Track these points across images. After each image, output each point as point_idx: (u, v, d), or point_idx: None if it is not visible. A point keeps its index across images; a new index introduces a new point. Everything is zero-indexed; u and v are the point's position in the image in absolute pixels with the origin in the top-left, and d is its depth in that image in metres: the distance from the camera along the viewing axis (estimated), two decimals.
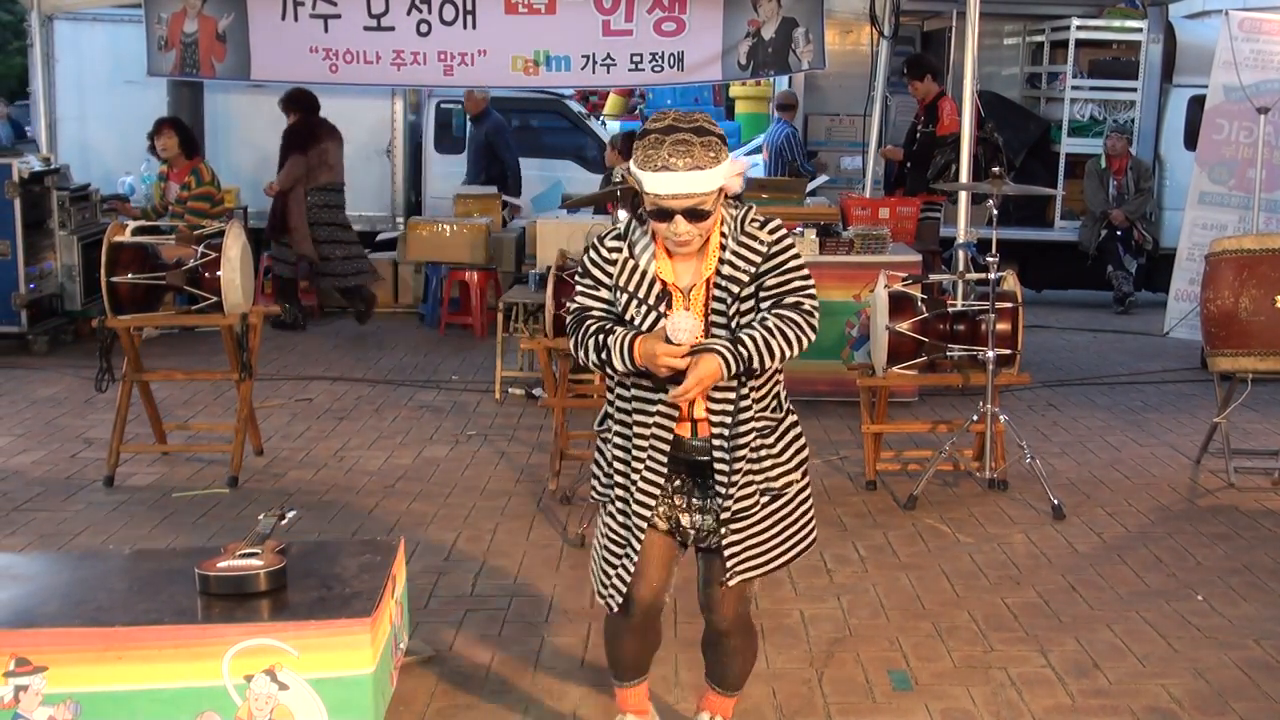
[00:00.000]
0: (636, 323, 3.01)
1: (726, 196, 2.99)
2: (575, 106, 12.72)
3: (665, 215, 2.90)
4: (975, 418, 5.69)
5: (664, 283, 3.02)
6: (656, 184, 2.86)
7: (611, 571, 3.15)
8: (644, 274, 3.02)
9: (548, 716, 3.66)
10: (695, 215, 2.89)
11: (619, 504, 3.14)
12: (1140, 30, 11.23)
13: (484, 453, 6.40)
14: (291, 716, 3.29)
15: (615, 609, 3.16)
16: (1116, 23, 11.47)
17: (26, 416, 6.98)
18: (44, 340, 8.57)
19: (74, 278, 8.76)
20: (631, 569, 3.11)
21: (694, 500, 3.13)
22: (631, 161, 2.93)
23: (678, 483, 3.14)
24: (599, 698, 3.74)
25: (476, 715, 3.67)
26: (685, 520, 3.14)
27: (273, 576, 3.48)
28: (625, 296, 3.03)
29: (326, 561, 3.75)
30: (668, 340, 2.90)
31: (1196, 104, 10.31)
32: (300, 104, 9.60)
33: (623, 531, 3.14)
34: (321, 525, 5.28)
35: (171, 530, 5.22)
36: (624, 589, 3.12)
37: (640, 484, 3.08)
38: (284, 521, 3.86)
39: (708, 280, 3.01)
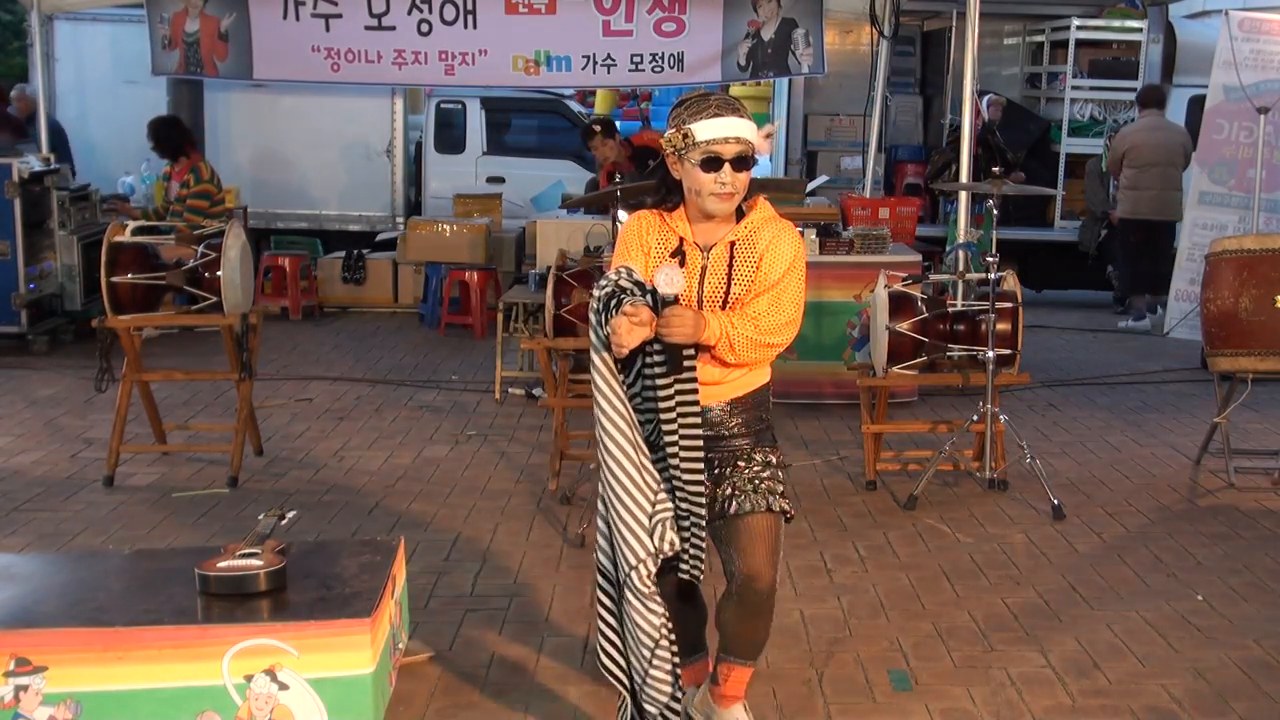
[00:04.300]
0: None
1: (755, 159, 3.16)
2: (575, 107, 12.72)
3: (714, 164, 3.06)
4: (975, 418, 5.69)
5: (682, 239, 3.18)
6: (711, 129, 3.05)
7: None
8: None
9: (548, 716, 3.66)
10: (742, 163, 3.07)
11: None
12: (1140, 30, 11.24)
13: (484, 453, 6.40)
14: (291, 716, 3.29)
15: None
16: (1116, 23, 11.48)
17: (26, 416, 6.98)
18: (44, 340, 8.57)
19: (74, 278, 8.75)
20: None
21: None
22: (670, 127, 3.11)
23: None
24: (599, 698, 3.74)
25: (476, 715, 3.67)
26: None
27: (273, 576, 3.48)
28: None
29: (326, 561, 3.75)
30: (655, 291, 2.99)
31: (1196, 104, 10.31)
32: None
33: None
34: (321, 525, 5.28)
35: (171, 530, 5.22)
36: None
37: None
38: (284, 521, 3.86)
39: (730, 243, 3.15)
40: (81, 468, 6.05)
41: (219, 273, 5.71)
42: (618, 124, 10.86)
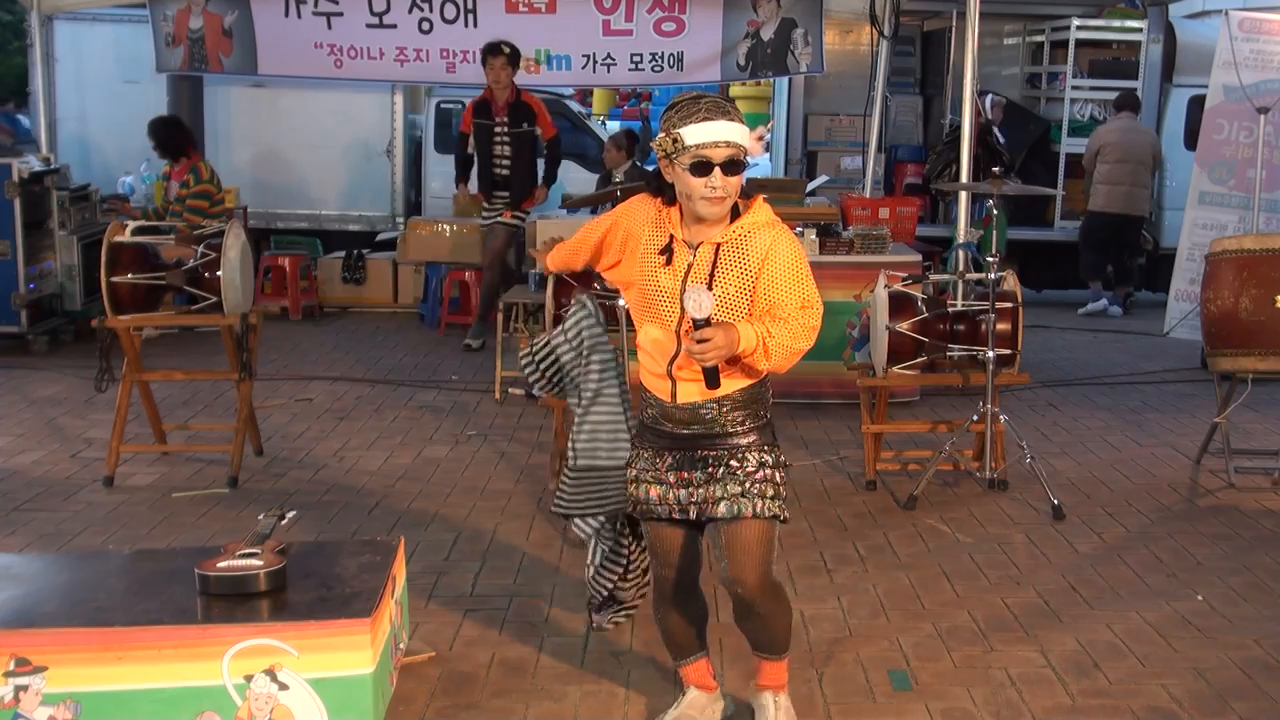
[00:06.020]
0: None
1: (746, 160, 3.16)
2: (575, 106, 12.72)
3: (704, 168, 3.03)
4: (975, 418, 5.69)
5: (672, 237, 3.17)
6: (701, 133, 3.01)
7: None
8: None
9: (548, 716, 3.66)
10: (732, 167, 3.04)
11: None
12: (1140, 30, 11.25)
13: (484, 453, 6.40)
14: (291, 716, 3.29)
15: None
16: (1116, 23, 11.49)
17: (26, 416, 6.98)
18: (44, 340, 8.57)
19: (74, 278, 8.75)
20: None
21: (685, 474, 3.21)
22: (661, 131, 3.09)
23: (669, 460, 3.23)
24: (599, 697, 3.74)
25: (476, 715, 3.67)
26: (684, 495, 3.22)
27: (273, 576, 3.48)
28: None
29: (326, 561, 3.76)
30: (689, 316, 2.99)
31: (1196, 104, 10.32)
32: None
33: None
34: (321, 525, 5.28)
35: (171, 530, 5.22)
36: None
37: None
38: (284, 521, 3.86)
39: (717, 245, 3.12)
40: (81, 468, 6.05)
41: (219, 273, 5.71)
42: (617, 123, 10.86)
